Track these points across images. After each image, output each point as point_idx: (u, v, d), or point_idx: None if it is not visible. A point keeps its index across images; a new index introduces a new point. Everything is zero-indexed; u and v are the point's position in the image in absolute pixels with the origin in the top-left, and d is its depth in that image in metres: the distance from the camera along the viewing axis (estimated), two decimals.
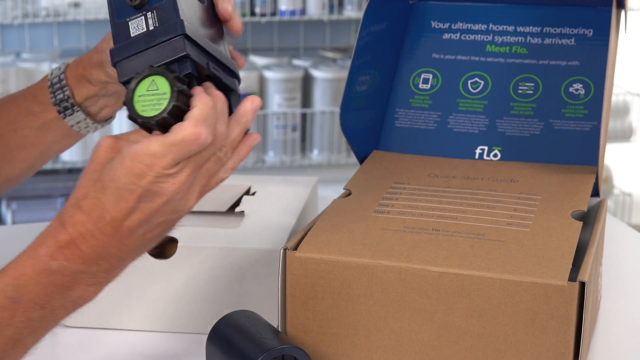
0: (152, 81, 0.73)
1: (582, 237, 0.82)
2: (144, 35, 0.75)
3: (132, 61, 0.75)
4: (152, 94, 0.73)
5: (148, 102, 0.72)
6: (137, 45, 0.75)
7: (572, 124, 0.99)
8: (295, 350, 0.76)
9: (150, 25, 0.75)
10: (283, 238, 0.89)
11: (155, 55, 0.75)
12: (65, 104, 0.92)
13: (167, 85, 0.72)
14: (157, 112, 0.71)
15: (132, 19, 0.76)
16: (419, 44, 1.07)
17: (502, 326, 0.76)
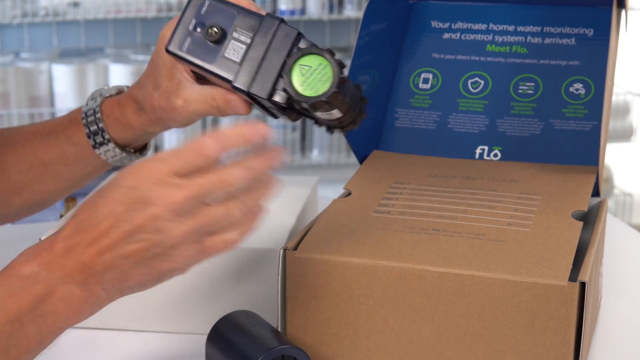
0: (300, 65, 0.74)
1: (583, 237, 0.82)
2: (248, 51, 0.76)
3: (262, 76, 0.75)
4: (310, 74, 0.73)
5: (311, 84, 0.73)
6: (252, 63, 0.76)
7: (573, 123, 0.99)
8: (295, 350, 0.76)
9: (246, 40, 0.76)
10: (283, 238, 0.89)
11: (275, 54, 0.75)
12: (100, 139, 0.91)
13: (320, 58, 0.73)
14: (327, 87, 0.72)
15: (226, 49, 0.76)
16: (419, 43, 1.07)
17: (502, 326, 0.75)
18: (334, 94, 0.73)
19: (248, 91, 0.76)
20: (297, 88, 0.74)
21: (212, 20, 0.77)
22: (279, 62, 0.75)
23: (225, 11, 0.77)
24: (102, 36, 2.91)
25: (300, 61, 0.74)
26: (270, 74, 0.75)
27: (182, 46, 0.78)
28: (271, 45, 0.76)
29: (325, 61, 0.74)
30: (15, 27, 2.84)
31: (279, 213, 0.95)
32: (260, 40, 0.76)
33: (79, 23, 2.86)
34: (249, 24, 0.76)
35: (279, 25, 0.76)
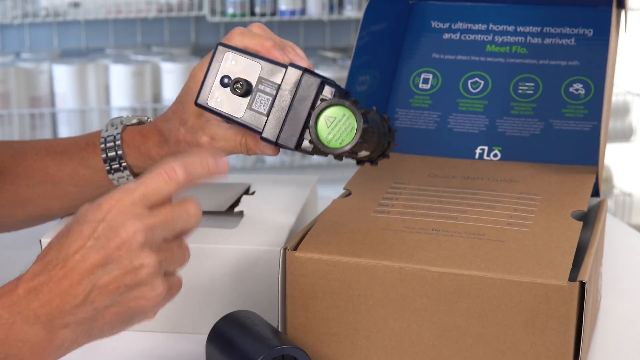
0: (325, 117, 0.76)
1: (582, 237, 0.82)
2: (273, 102, 0.78)
3: (289, 127, 0.78)
4: (334, 125, 0.76)
5: (336, 135, 0.76)
6: (279, 114, 0.78)
7: (572, 123, 0.99)
8: (295, 350, 0.76)
9: (272, 92, 0.79)
10: (283, 238, 0.89)
11: (300, 105, 0.78)
12: (117, 165, 0.91)
13: (344, 109, 0.76)
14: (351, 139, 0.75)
15: (253, 102, 0.79)
16: (419, 43, 1.07)
17: (502, 326, 0.75)
18: (359, 144, 0.76)
19: (276, 142, 0.79)
20: (322, 140, 0.77)
21: (237, 74, 0.80)
22: (305, 112, 0.78)
23: (249, 63, 0.80)
24: (103, 36, 2.91)
25: (324, 113, 0.77)
26: (297, 125, 0.78)
27: (210, 99, 0.81)
28: (296, 95, 0.78)
29: (349, 112, 0.76)
30: (16, 28, 2.84)
31: (278, 213, 0.95)
32: (285, 91, 0.78)
33: (80, 23, 2.86)
34: (273, 75, 0.79)
35: (302, 75, 0.78)
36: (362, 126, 0.75)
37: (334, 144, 0.76)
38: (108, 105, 2.71)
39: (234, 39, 0.82)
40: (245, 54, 0.80)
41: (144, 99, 2.70)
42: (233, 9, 2.77)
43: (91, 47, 2.91)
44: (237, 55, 0.80)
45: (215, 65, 0.81)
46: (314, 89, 0.78)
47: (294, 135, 0.78)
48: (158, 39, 2.97)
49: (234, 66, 0.80)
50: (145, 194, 0.64)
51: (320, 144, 0.76)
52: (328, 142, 0.76)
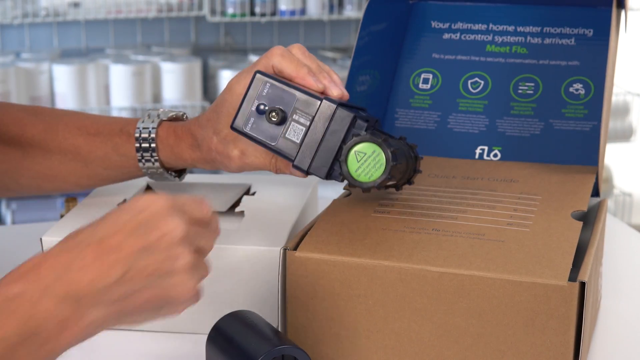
0: (356, 152, 0.80)
1: (582, 237, 0.82)
2: (307, 133, 0.82)
3: (320, 158, 0.82)
4: (364, 160, 0.80)
5: (365, 170, 0.80)
6: (311, 145, 0.82)
7: (572, 123, 0.99)
8: (295, 350, 0.76)
9: (305, 122, 0.82)
10: (283, 238, 0.89)
11: (332, 137, 0.82)
12: (148, 157, 0.93)
13: (374, 146, 0.79)
14: (380, 174, 0.79)
15: (287, 130, 0.83)
16: (419, 44, 1.07)
17: (502, 326, 0.75)
18: (387, 179, 0.80)
19: (307, 171, 0.82)
20: (352, 173, 0.80)
21: (273, 102, 0.83)
22: (336, 145, 0.81)
23: (285, 92, 0.83)
24: (103, 36, 2.91)
25: (355, 148, 0.80)
26: (328, 157, 0.82)
27: (246, 125, 0.84)
28: (329, 128, 0.82)
29: (379, 149, 0.79)
30: (16, 28, 2.84)
31: (279, 213, 0.95)
32: (318, 124, 0.82)
33: (80, 23, 2.86)
34: (308, 107, 0.82)
35: (336, 110, 0.81)
36: (391, 164, 0.79)
37: (363, 178, 0.80)
38: (108, 105, 2.71)
39: (273, 59, 0.85)
40: (281, 83, 0.83)
41: (144, 99, 2.70)
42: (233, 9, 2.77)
43: (91, 47, 2.91)
44: (274, 83, 0.83)
45: (253, 92, 0.84)
46: (347, 124, 0.81)
47: (324, 166, 0.82)
48: (158, 39, 2.97)
49: (270, 94, 0.83)
50: (184, 204, 0.66)
51: (350, 177, 0.80)
52: (357, 176, 0.80)
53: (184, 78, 2.73)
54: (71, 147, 0.95)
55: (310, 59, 0.86)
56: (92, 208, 0.97)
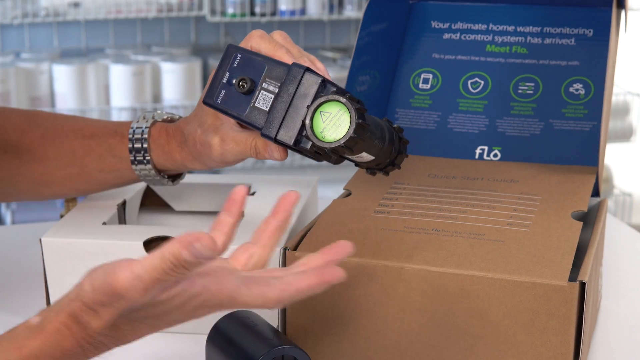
0: (321, 112, 0.77)
1: (583, 238, 0.82)
2: (276, 100, 0.79)
3: (288, 124, 0.79)
4: (330, 120, 0.76)
5: (330, 130, 0.76)
6: (279, 111, 0.79)
7: (572, 124, 0.99)
8: (295, 350, 0.76)
9: (274, 90, 0.79)
10: (283, 238, 0.89)
11: (300, 102, 0.78)
12: (141, 157, 0.92)
13: (339, 105, 0.76)
14: (344, 132, 0.75)
15: (256, 99, 0.80)
16: (419, 44, 1.07)
17: (502, 326, 0.75)
18: (353, 139, 0.76)
19: (275, 138, 0.79)
20: (317, 134, 0.77)
21: (242, 73, 0.81)
22: (304, 109, 0.78)
23: (255, 63, 0.81)
24: (103, 36, 2.91)
25: (321, 108, 0.77)
26: (296, 122, 0.79)
27: (217, 98, 0.82)
28: (297, 93, 0.79)
29: (344, 107, 0.76)
30: (16, 28, 2.84)
31: None
32: (286, 89, 0.79)
33: (80, 23, 2.86)
34: (277, 74, 0.80)
35: (304, 74, 0.79)
36: (355, 121, 0.75)
37: (328, 138, 0.76)
38: (108, 105, 2.71)
39: (252, 39, 0.84)
40: (253, 55, 0.81)
41: (144, 99, 2.70)
42: (233, 9, 2.77)
43: (91, 47, 2.91)
44: (245, 56, 0.81)
45: (224, 65, 0.82)
46: (315, 87, 0.78)
47: (292, 132, 0.79)
48: (158, 39, 2.97)
49: (241, 66, 0.81)
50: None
51: (315, 138, 0.76)
52: (322, 137, 0.77)
53: (184, 78, 2.73)
54: (67, 151, 0.94)
55: (291, 44, 0.84)
56: (91, 208, 0.97)
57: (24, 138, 0.95)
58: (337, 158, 0.81)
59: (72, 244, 0.89)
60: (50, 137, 0.95)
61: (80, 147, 0.94)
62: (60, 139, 0.95)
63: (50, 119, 0.97)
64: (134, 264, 0.60)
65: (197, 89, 2.76)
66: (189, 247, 0.59)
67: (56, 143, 0.95)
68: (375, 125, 0.80)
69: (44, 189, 0.97)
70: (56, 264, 0.89)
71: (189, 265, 0.59)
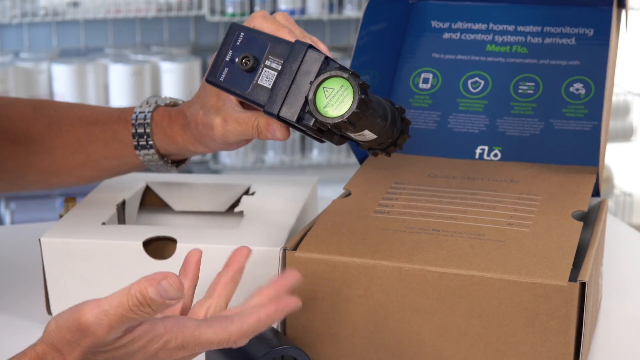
0: (324, 88, 0.76)
1: (583, 238, 0.82)
2: (279, 77, 0.79)
3: (291, 100, 0.78)
4: (332, 96, 0.76)
5: (333, 105, 0.76)
6: (282, 88, 0.79)
7: (573, 123, 0.99)
8: (295, 350, 0.76)
9: (277, 67, 0.79)
10: (282, 238, 0.89)
11: (303, 79, 0.78)
12: (144, 142, 0.92)
13: (342, 80, 0.75)
14: (348, 107, 0.75)
15: (259, 77, 0.80)
16: (419, 43, 1.07)
17: (502, 326, 0.75)
18: (356, 114, 0.75)
19: (278, 115, 0.79)
20: (319, 109, 0.76)
21: (245, 50, 0.81)
22: (306, 86, 0.78)
23: (258, 41, 0.81)
24: (102, 36, 2.91)
25: (324, 84, 0.76)
26: (299, 99, 0.78)
27: (220, 76, 0.82)
28: (299, 70, 0.79)
29: (347, 83, 0.76)
30: (15, 27, 2.84)
31: (278, 213, 0.95)
32: (289, 66, 0.79)
33: (79, 23, 2.86)
34: (280, 52, 0.80)
35: (306, 51, 0.79)
36: (359, 96, 0.75)
37: (331, 114, 0.76)
38: (107, 105, 2.71)
39: (255, 20, 0.83)
40: (256, 33, 0.81)
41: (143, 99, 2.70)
42: (233, 8, 2.77)
43: (90, 46, 2.91)
44: (248, 34, 0.81)
45: (227, 43, 0.82)
46: (318, 64, 0.78)
47: (295, 108, 0.78)
48: (157, 38, 2.97)
49: (244, 44, 0.81)
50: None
51: (318, 114, 0.76)
52: (325, 112, 0.76)
53: (184, 78, 2.73)
54: (73, 139, 0.95)
55: (293, 25, 0.84)
56: (90, 209, 0.97)
57: (31, 128, 0.96)
58: (339, 138, 0.80)
59: (71, 244, 0.88)
60: (57, 126, 0.95)
61: (86, 135, 0.94)
62: (66, 128, 0.95)
63: (56, 107, 0.98)
64: (100, 300, 0.61)
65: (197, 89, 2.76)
66: (155, 284, 0.60)
67: (62, 132, 0.95)
68: (377, 103, 0.79)
69: (52, 178, 0.97)
70: (55, 264, 0.89)
71: (154, 304, 0.60)
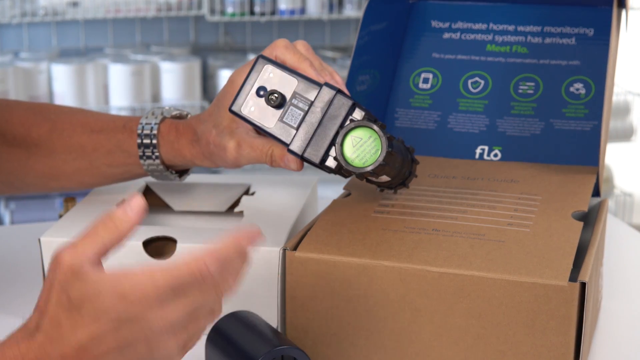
0: (352, 136, 0.79)
1: (583, 238, 0.82)
2: (305, 117, 0.81)
3: (316, 142, 0.81)
4: (360, 145, 0.79)
5: (360, 155, 0.79)
6: (308, 129, 0.81)
7: (573, 123, 0.99)
8: (295, 350, 0.76)
9: (304, 107, 0.81)
10: (282, 238, 0.89)
11: (330, 123, 0.80)
12: (150, 153, 0.93)
13: (371, 131, 0.79)
14: (375, 160, 0.78)
15: (285, 115, 0.82)
16: (419, 43, 1.07)
17: (502, 326, 0.75)
18: (381, 166, 0.78)
19: (302, 156, 0.81)
20: (347, 158, 0.79)
21: (274, 86, 0.82)
22: (333, 130, 0.80)
23: (286, 78, 0.82)
24: (102, 36, 2.91)
25: (352, 132, 0.79)
26: (324, 141, 0.80)
27: (244, 107, 0.83)
28: (327, 114, 0.80)
29: (375, 134, 0.78)
30: (15, 27, 2.84)
31: (278, 213, 0.95)
32: (316, 109, 0.81)
33: (78, 23, 2.86)
34: (308, 92, 0.81)
35: (335, 95, 0.80)
36: (386, 149, 0.78)
37: (357, 163, 0.79)
38: (107, 104, 2.71)
39: (277, 50, 0.84)
40: (283, 69, 0.83)
41: (143, 99, 2.70)
42: (232, 8, 2.77)
43: (90, 46, 2.91)
44: (275, 69, 0.83)
45: (254, 75, 0.83)
46: (345, 110, 0.80)
47: (319, 151, 0.80)
48: (157, 38, 2.97)
49: (271, 79, 0.82)
50: (172, 286, 0.60)
51: (344, 162, 0.79)
52: (352, 161, 0.79)
53: (183, 77, 2.73)
54: (76, 145, 0.95)
55: (314, 56, 0.86)
56: (90, 208, 0.97)
57: (31, 132, 0.96)
58: (349, 174, 0.83)
59: None
60: (58, 131, 0.95)
61: (90, 142, 0.95)
62: (69, 133, 0.95)
63: (57, 112, 0.98)
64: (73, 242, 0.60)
65: (197, 89, 2.76)
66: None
67: (64, 137, 0.95)
68: (398, 151, 0.82)
69: (51, 182, 0.97)
70: None
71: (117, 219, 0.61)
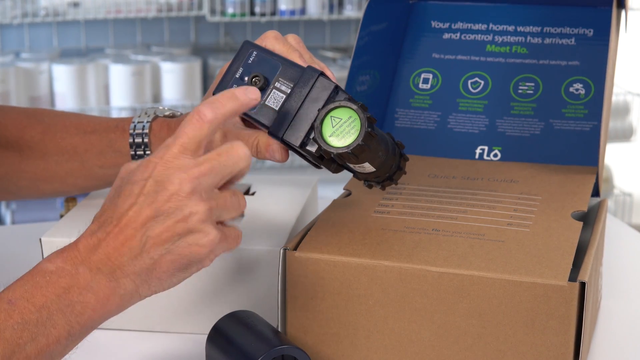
0: (332, 117, 0.77)
1: (583, 238, 0.82)
2: (287, 100, 0.79)
3: (297, 125, 0.79)
4: (339, 126, 0.77)
5: (339, 135, 0.77)
6: (289, 112, 0.79)
7: (573, 123, 0.99)
8: (295, 350, 0.76)
9: (286, 90, 0.80)
10: (283, 238, 0.89)
11: (311, 105, 0.79)
12: (141, 152, 0.93)
13: (351, 111, 0.77)
14: (353, 139, 0.76)
15: (267, 98, 0.80)
16: (419, 43, 1.07)
17: (502, 326, 0.75)
18: (360, 147, 0.76)
19: (282, 138, 0.79)
20: (325, 138, 0.77)
21: (257, 70, 0.81)
22: (314, 113, 0.78)
23: (270, 62, 0.81)
24: (102, 36, 2.91)
25: (332, 113, 0.77)
26: (305, 124, 0.79)
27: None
28: (308, 96, 0.79)
29: (355, 114, 0.77)
30: (16, 27, 2.84)
31: (279, 213, 0.95)
32: (299, 91, 0.79)
33: (79, 23, 2.86)
34: (291, 75, 0.80)
35: (317, 78, 0.79)
36: (365, 129, 0.76)
37: (336, 143, 0.77)
38: (108, 105, 2.71)
39: (267, 40, 0.84)
40: (268, 53, 0.82)
41: (143, 99, 2.70)
42: (233, 8, 2.77)
43: (91, 47, 2.91)
44: (260, 54, 0.82)
45: (238, 60, 0.82)
46: (327, 92, 0.79)
47: (299, 133, 0.79)
48: (158, 38, 2.97)
49: (255, 63, 0.82)
50: (183, 143, 0.67)
51: (323, 142, 0.77)
52: (330, 141, 0.77)
53: (184, 78, 2.73)
54: (68, 146, 0.95)
55: (304, 49, 0.85)
56: (91, 208, 0.97)
57: (24, 134, 0.96)
58: (337, 166, 0.81)
59: None
60: (51, 133, 0.95)
61: (82, 143, 0.95)
62: (61, 135, 0.95)
63: (51, 115, 0.98)
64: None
65: (197, 89, 2.76)
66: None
67: (57, 139, 0.95)
68: (381, 137, 0.80)
69: (44, 185, 0.97)
70: None
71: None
